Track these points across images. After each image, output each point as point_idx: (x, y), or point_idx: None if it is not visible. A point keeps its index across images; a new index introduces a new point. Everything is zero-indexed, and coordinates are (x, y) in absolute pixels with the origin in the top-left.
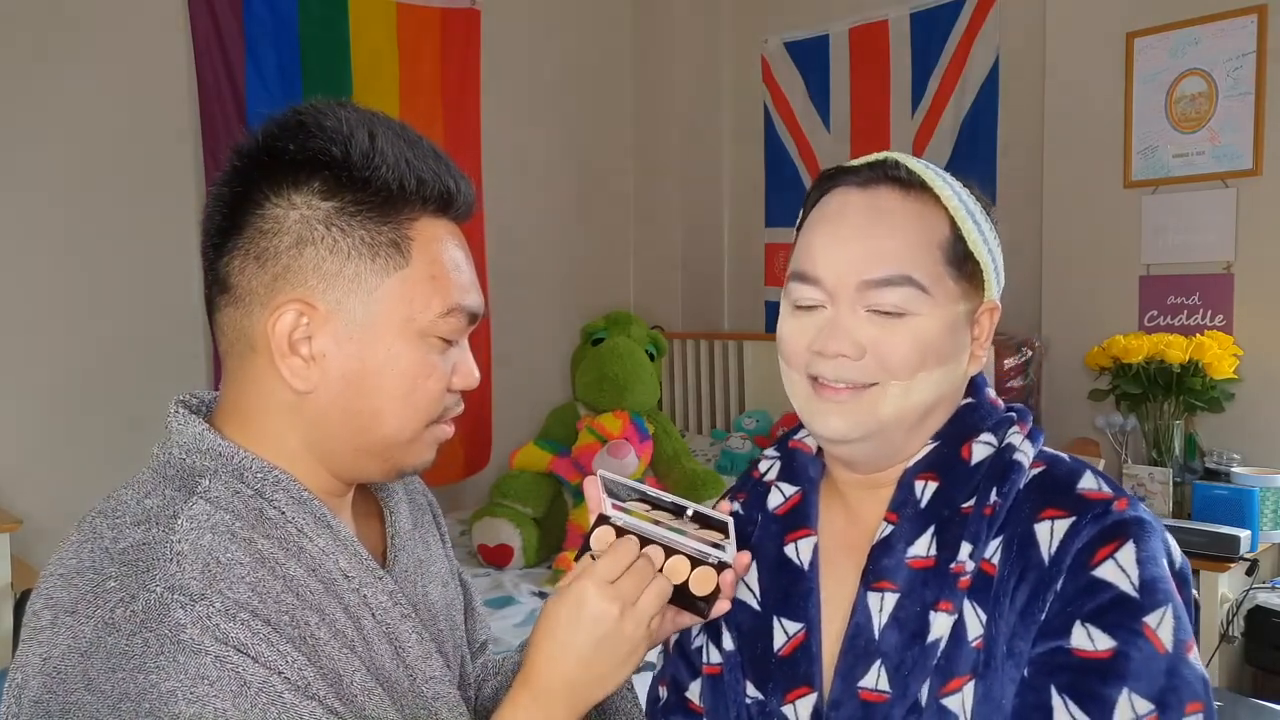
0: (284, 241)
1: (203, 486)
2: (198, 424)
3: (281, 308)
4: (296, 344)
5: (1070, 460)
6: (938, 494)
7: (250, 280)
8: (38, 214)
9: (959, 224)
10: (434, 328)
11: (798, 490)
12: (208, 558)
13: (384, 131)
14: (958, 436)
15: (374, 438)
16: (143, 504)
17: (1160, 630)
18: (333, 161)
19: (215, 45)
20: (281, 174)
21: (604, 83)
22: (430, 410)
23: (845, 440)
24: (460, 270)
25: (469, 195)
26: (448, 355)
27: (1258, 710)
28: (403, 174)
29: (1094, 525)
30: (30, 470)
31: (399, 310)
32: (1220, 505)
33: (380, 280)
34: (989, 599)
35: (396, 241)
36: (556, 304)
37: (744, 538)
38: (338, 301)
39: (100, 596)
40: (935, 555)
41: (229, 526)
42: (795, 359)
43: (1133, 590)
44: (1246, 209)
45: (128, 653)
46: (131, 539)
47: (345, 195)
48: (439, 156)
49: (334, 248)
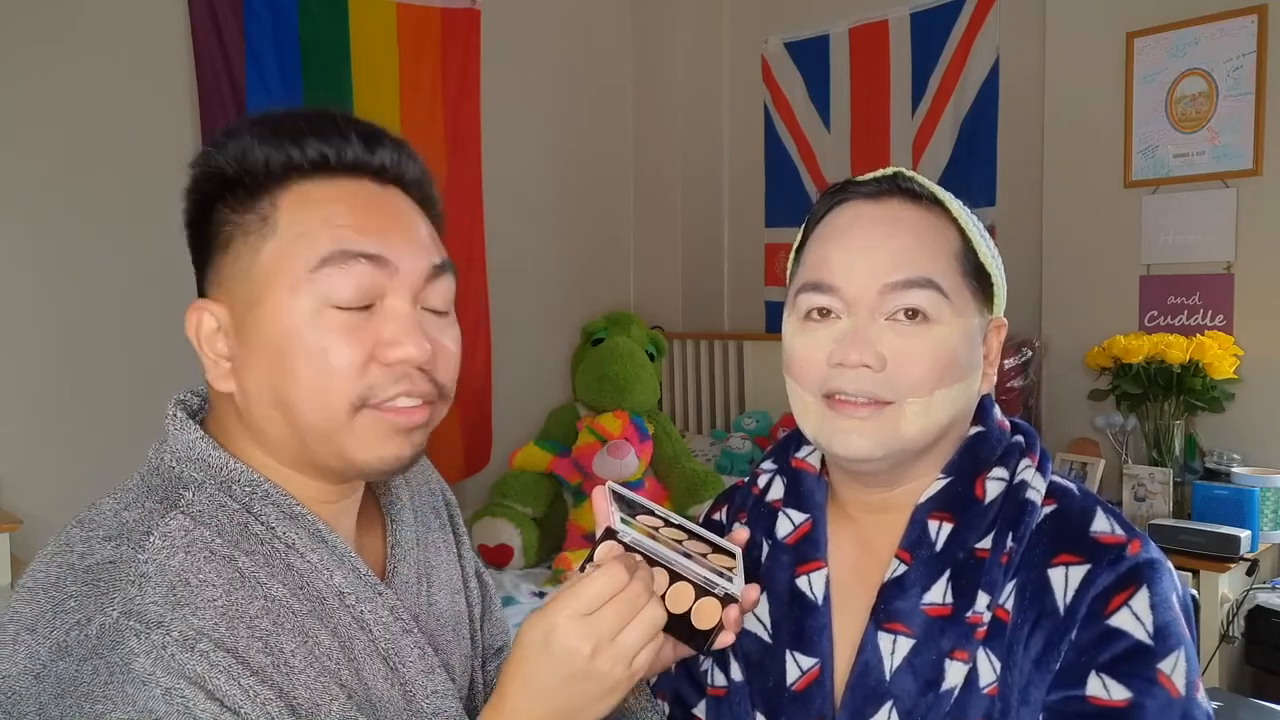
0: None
1: (186, 499)
2: (192, 430)
3: (196, 304)
4: (213, 343)
5: (1080, 494)
6: (953, 536)
7: None
8: (37, 214)
9: (969, 236)
10: (320, 286)
11: (807, 518)
12: (175, 580)
13: (253, 122)
14: (970, 471)
15: (304, 426)
16: (120, 516)
17: (1174, 675)
18: (225, 178)
19: (215, 45)
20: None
21: (604, 82)
22: (340, 389)
23: (869, 460)
24: (346, 220)
25: (353, 151)
26: (365, 326)
27: (1258, 710)
28: (261, 153)
29: (1109, 573)
30: (30, 470)
31: (280, 282)
32: (1220, 505)
33: (253, 258)
34: (1003, 645)
35: (264, 215)
36: (556, 304)
37: (751, 562)
38: (229, 291)
39: (59, 616)
40: (952, 604)
41: (207, 543)
42: (808, 375)
43: (1147, 638)
44: (1246, 209)
45: (77, 679)
46: (100, 555)
47: (232, 199)
48: (324, 120)
49: (222, 244)
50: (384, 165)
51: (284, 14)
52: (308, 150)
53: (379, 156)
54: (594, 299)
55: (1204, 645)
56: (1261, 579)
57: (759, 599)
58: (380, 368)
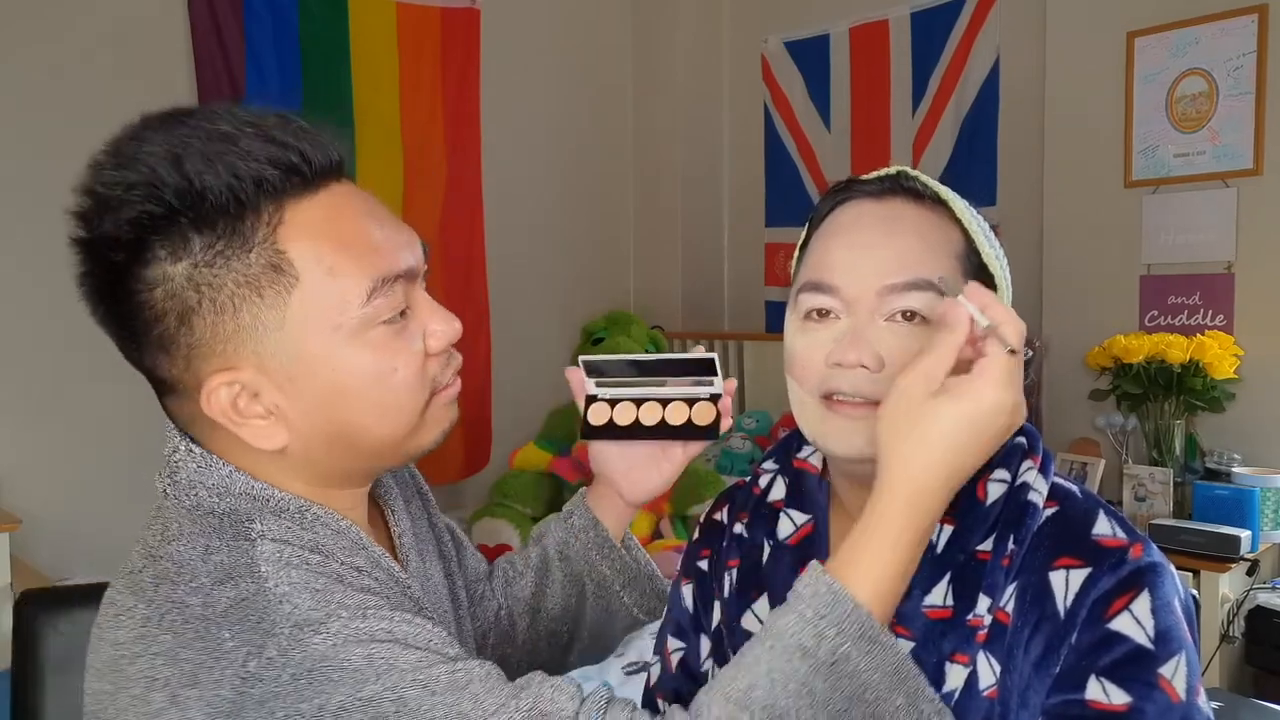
0: (170, 323)
1: (256, 530)
2: (223, 465)
3: (208, 385)
4: (245, 409)
5: (1082, 496)
6: (953, 538)
7: (169, 370)
8: (36, 214)
9: (973, 237)
10: (368, 319)
11: (809, 519)
12: (307, 588)
13: (191, 145)
14: None
15: (372, 445)
16: (210, 560)
17: (1175, 680)
18: (155, 219)
19: (215, 45)
20: (120, 256)
21: (604, 82)
22: (416, 395)
23: (865, 459)
24: (362, 240)
25: (326, 153)
26: (407, 329)
27: (1258, 710)
28: (233, 187)
29: (1110, 576)
30: (30, 470)
31: (320, 327)
32: (1221, 505)
33: (281, 311)
34: (1003, 649)
35: (274, 263)
36: (556, 304)
37: (751, 564)
38: (255, 353)
39: (222, 659)
40: (952, 606)
41: (303, 559)
42: (808, 375)
43: (1148, 642)
44: (1247, 209)
45: (278, 693)
46: (225, 599)
47: (192, 245)
48: (275, 131)
49: (216, 306)
50: (341, 159)
51: (284, 14)
52: (282, 167)
53: (334, 151)
54: (594, 299)
55: (1204, 645)
56: (1262, 579)
57: (734, 385)
58: (432, 359)
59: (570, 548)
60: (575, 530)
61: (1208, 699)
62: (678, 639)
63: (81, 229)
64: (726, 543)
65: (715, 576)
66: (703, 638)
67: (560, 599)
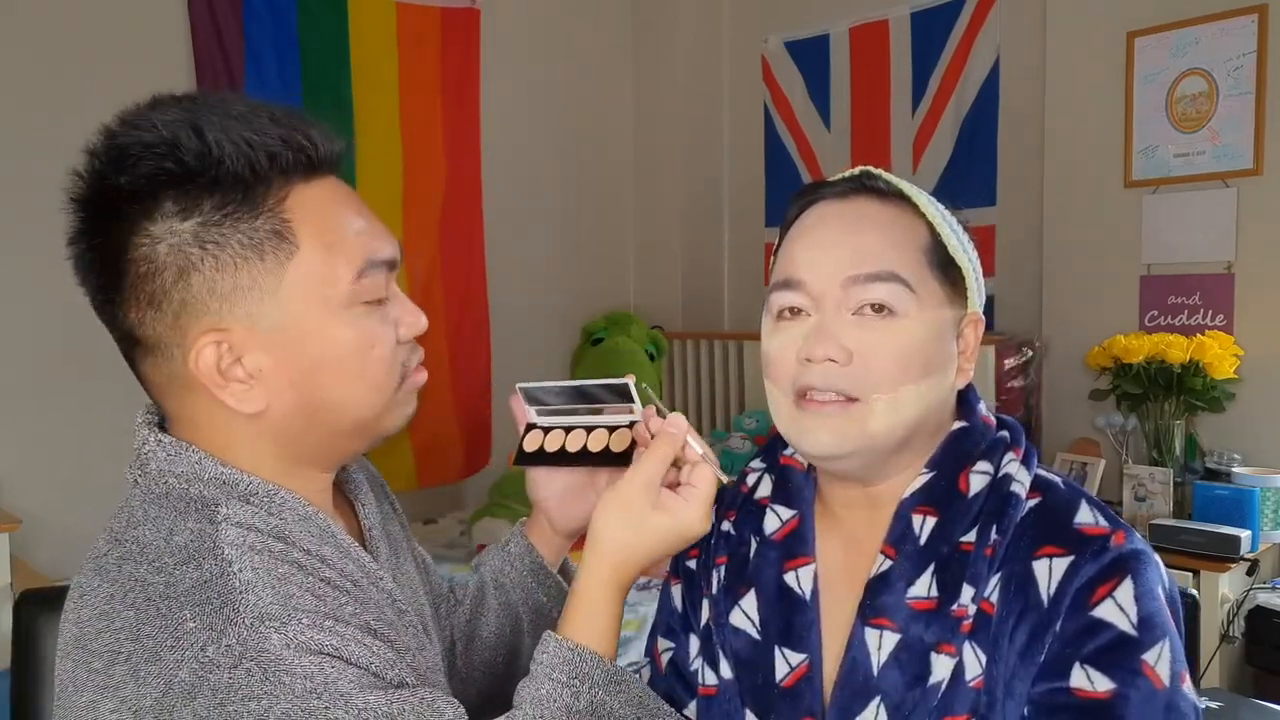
0: (167, 278)
1: (222, 514)
2: (193, 451)
3: (196, 344)
4: (228, 371)
5: (1065, 487)
6: (937, 530)
7: (154, 327)
8: (36, 215)
9: (938, 230)
10: (354, 295)
11: (795, 514)
12: (269, 579)
13: (209, 119)
14: (954, 465)
15: (345, 424)
16: (172, 541)
17: (1158, 666)
18: (172, 176)
19: (215, 45)
20: (129, 210)
21: (604, 82)
22: (389, 376)
23: (834, 457)
24: (356, 226)
25: (330, 145)
26: (384, 314)
27: (1258, 710)
28: (249, 156)
29: (1093, 564)
30: (30, 470)
31: (312, 295)
32: (1221, 505)
33: (278, 275)
34: (988, 639)
35: (277, 230)
36: (556, 304)
37: (739, 560)
38: (248, 314)
39: (182, 639)
40: (937, 596)
41: (265, 545)
42: (781, 374)
43: (1131, 629)
44: (1247, 209)
45: (232, 685)
46: (188, 579)
47: (202, 205)
48: (283, 118)
49: (218, 264)
50: (341, 151)
51: (284, 14)
52: (294, 149)
53: (336, 144)
54: (594, 299)
55: (1204, 645)
56: (1262, 579)
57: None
58: (402, 345)
59: (505, 575)
60: (511, 558)
61: (1208, 698)
62: (667, 639)
63: (87, 186)
64: (714, 541)
65: (704, 575)
66: (692, 637)
67: (494, 627)
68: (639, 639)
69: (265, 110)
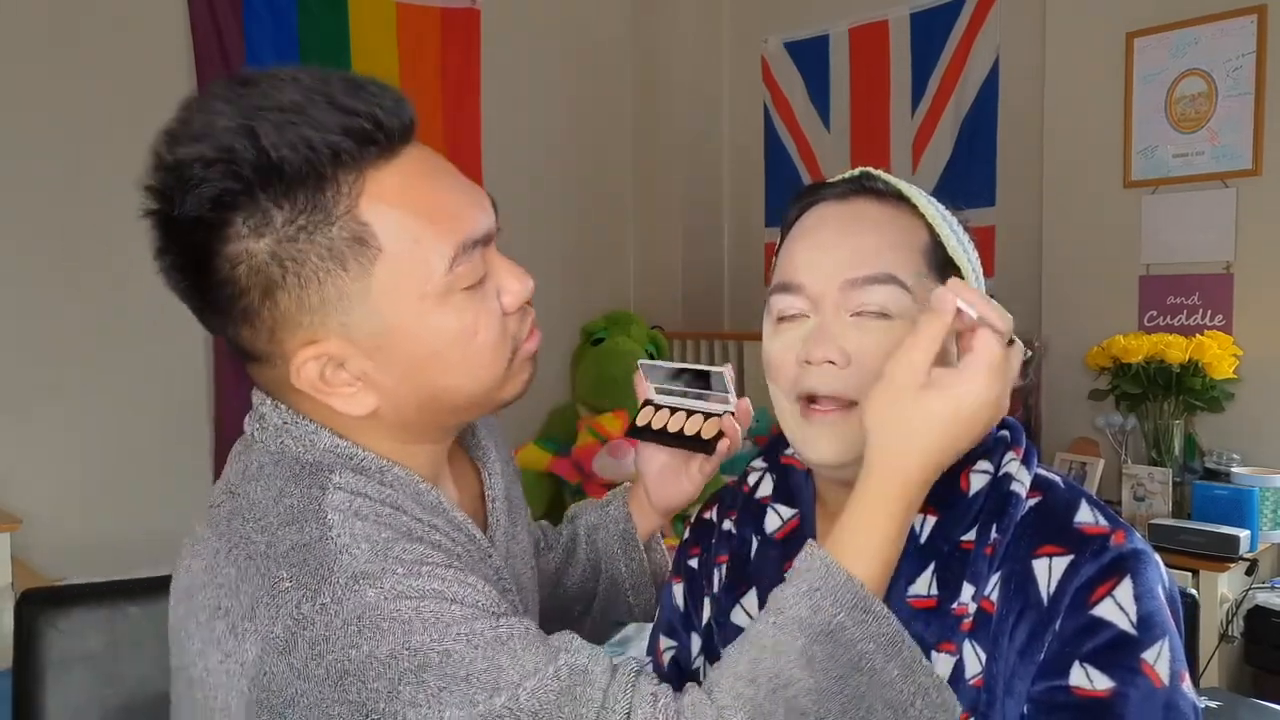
0: (254, 298)
1: (335, 481)
2: (308, 424)
3: (296, 358)
4: (333, 379)
5: (1065, 487)
6: (936, 529)
7: (254, 342)
8: (35, 213)
9: (937, 230)
10: (451, 284)
11: (795, 514)
12: (368, 540)
13: (263, 116)
14: (953, 465)
15: (460, 404)
16: (281, 503)
17: (1158, 665)
18: (236, 195)
19: (215, 45)
20: (201, 236)
21: (604, 82)
22: (500, 354)
23: (839, 465)
24: (442, 207)
25: (400, 114)
26: (485, 293)
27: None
28: (310, 159)
29: (1092, 563)
30: (30, 470)
31: (404, 295)
32: (1220, 505)
33: (365, 283)
34: (988, 637)
35: (356, 235)
36: (556, 304)
37: (740, 559)
38: (342, 324)
39: (278, 598)
40: (937, 595)
41: (374, 511)
42: (782, 376)
43: (1131, 628)
44: (1246, 209)
45: (328, 638)
46: (289, 540)
47: (274, 220)
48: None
49: (301, 281)
50: (413, 120)
51: (284, 14)
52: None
53: (405, 113)
54: (594, 299)
55: (1204, 645)
56: (1261, 579)
57: (750, 410)
58: (511, 316)
59: (598, 534)
60: (608, 519)
61: (1208, 698)
62: (669, 638)
63: (160, 205)
64: (716, 540)
65: (705, 573)
66: (693, 635)
67: (579, 579)
68: (640, 638)
69: (322, 91)
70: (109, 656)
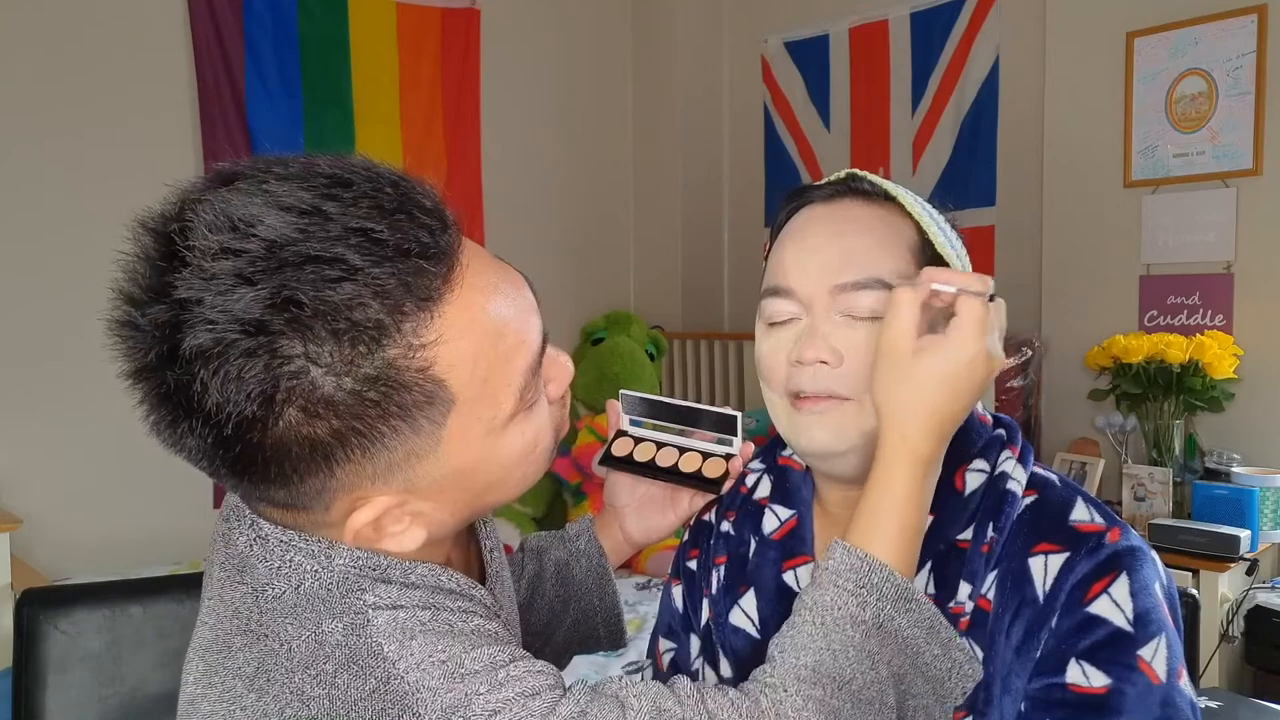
0: (300, 473)
1: (369, 602)
2: (316, 542)
3: (350, 521)
4: (385, 527)
5: (1061, 485)
6: (933, 528)
7: (290, 499)
8: (34, 212)
9: (925, 229)
10: (517, 409)
11: (793, 514)
12: (434, 662)
13: (297, 286)
14: (949, 464)
15: (496, 505)
16: (325, 645)
17: (1154, 662)
18: (280, 380)
19: (215, 45)
20: (232, 430)
21: (604, 83)
22: (552, 454)
23: (830, 453)
24: (506, 334)
25: (446, 231)
26: (540, 400)
27: (1258, 710)
28: (369, 333)
29: (1088, 560)
30: (30, 470)
31: (475, 435)
32: (1220, 505)
33: (436, 437)
34: (985, 635)
35: (430, 393)
36: (556, 304)
37: (738, 560)
38: (406, 480)
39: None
40: (934, 594)
41: (417, 622)
42: (775, 377)
43: (1127, 625)
44: (1246, 209)
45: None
46: (354, 691)
47: (331, 398)
48: (386, 240)
49: (365, 451)
50: (458, 224)
51: (284, 14)
52: (415, 270)
53: (451, 219)
54: (594, 299)
55: (1204, 645)
56: (1261, 579)
57: (751, 452)
58: (553, 406)
59: (569, 570)
60: (579, 554)
61: (1208, 698)
62: (669, 640)
63: (182, 386)
64: (714, 541)
65: (703, 575)
66: (693, 637)
67: (545, 615)
68: (640, 639)
69: (364, 231)
70: (109, 656)
